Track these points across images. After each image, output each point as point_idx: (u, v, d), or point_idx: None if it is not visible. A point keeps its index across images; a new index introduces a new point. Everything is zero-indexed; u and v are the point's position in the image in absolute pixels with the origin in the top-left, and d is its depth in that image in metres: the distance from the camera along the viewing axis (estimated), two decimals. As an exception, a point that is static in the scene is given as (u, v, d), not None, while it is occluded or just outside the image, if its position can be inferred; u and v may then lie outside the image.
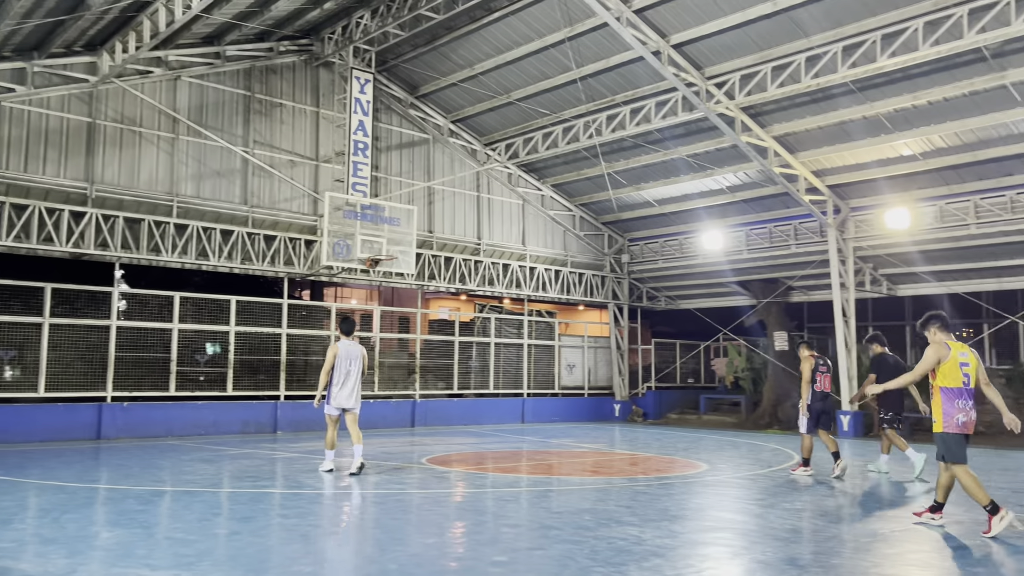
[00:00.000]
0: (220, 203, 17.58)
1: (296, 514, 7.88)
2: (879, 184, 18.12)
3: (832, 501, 9.22)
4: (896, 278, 20.43)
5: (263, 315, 18.12)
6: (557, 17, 16.56)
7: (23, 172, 15.34)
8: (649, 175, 20.96)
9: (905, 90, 15.23)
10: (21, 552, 6.02)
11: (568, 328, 25.36)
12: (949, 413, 7.28)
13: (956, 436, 7.29)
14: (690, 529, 7.42)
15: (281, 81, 18.84)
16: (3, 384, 14.89)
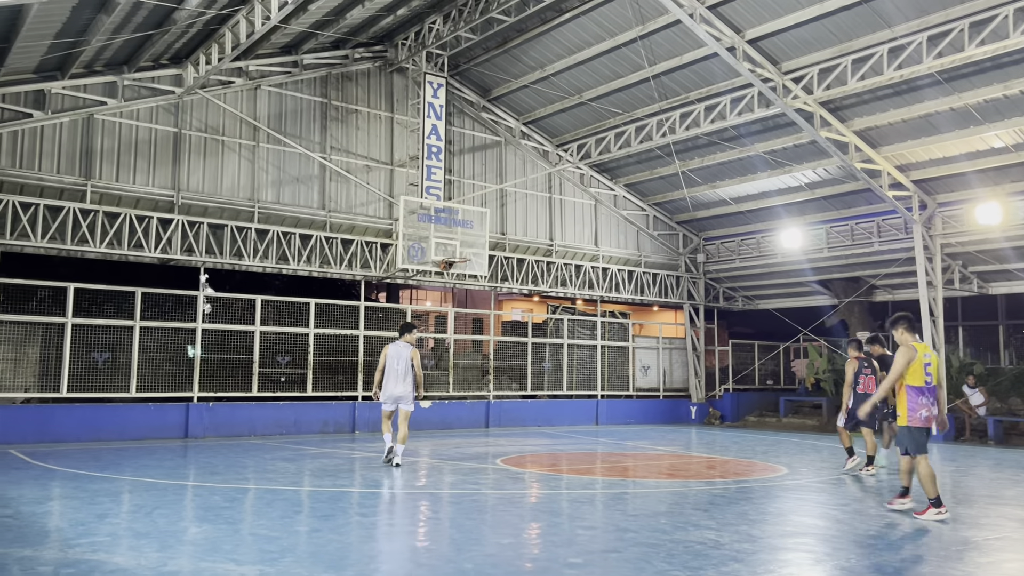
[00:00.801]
0: (299, 208, 18.03)
1: (374, 512, 8.02)
2: (968, 178, 17.40)
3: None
4: (987, 275, 19.59)
5: (341, 317, 18.50)
6: (629, 16, 16.43)
7: (115, 182, 16.03)
8: (725, 173, 20.61)
9: (996, 79, 14.60)
10: (115, 546, 6.29)
11: (642, 329, 25.13)
12: (914, 409, 8.04)
13: (919, 429, 8.07)
14: (770, 534, 7.26)
15: (356, 88, 19.21)
16: (99, 384, 15.57)
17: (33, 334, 15.39)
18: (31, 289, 15.27)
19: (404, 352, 11.32)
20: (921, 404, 8.02)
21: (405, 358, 11.29)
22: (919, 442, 8.09)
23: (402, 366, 11.26)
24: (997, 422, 17.84)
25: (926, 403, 8.04)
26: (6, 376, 15.04)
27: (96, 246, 15.51)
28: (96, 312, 15.67)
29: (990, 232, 17.58)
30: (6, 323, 14.93)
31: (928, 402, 8.06)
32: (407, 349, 11.36)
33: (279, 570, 5.58)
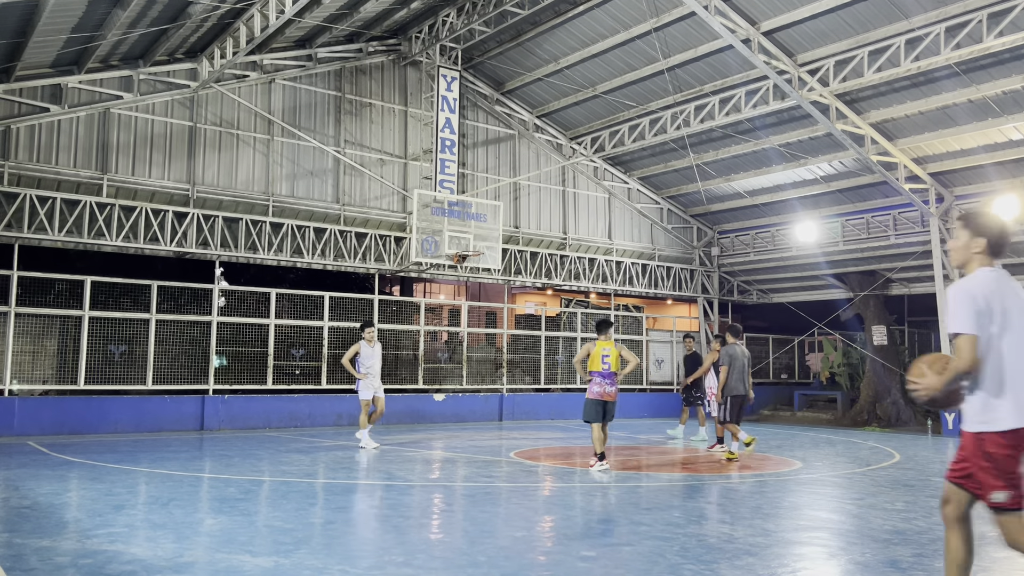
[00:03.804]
0: (313, 202, 18.09)
1: (388, 505, 8.05)
2: (986, 170, 17.23)
3: (936, 502, 8.83)
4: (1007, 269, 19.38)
5: (355, 311, 18.57)
6: (643, 8, 16.36)
7: (131, 175, 16.14)
8: (739, 166, 20.51)
9: (1015, 71, 14.43)
10: (132, 536, 6.34)
11: (656, 323, 25.07)
12: (591, 388, 10.85)
13: (592, 401, 10.81)
14: (784, 528, 7.24)
15: (370, 81, 19.23)
16: (116, 377, 15.70)
17: (51, 327, 15.54)
18: (48, 282, 15.40)
19: (378, 348, 13.38)
20: (597, 383, 10.77)
21: (378, 353, 13.35)
22: (590, 413, 10.85)
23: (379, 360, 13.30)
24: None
25: (601, 383, 10.75)
26: (24, 368, 15.20)
27: (112, 240, 15.62)
28: (112, 305, 15.79)
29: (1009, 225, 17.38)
30: (24, 316, 15.08)
31: (604, 382, 10.76)
32: (379, 345, 13.49)
33: (294, 562, 5.61)
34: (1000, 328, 4.01)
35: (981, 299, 4.03)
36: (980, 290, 4.07)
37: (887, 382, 20.92)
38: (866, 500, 8.77)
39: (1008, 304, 4.07)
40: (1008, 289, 4.13)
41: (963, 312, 4.01)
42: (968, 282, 4.14)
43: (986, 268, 4.21)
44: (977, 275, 4.19)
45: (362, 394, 13.09)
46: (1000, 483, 3.91)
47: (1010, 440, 3.92)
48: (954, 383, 4.03)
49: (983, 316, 4.01)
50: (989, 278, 4.14)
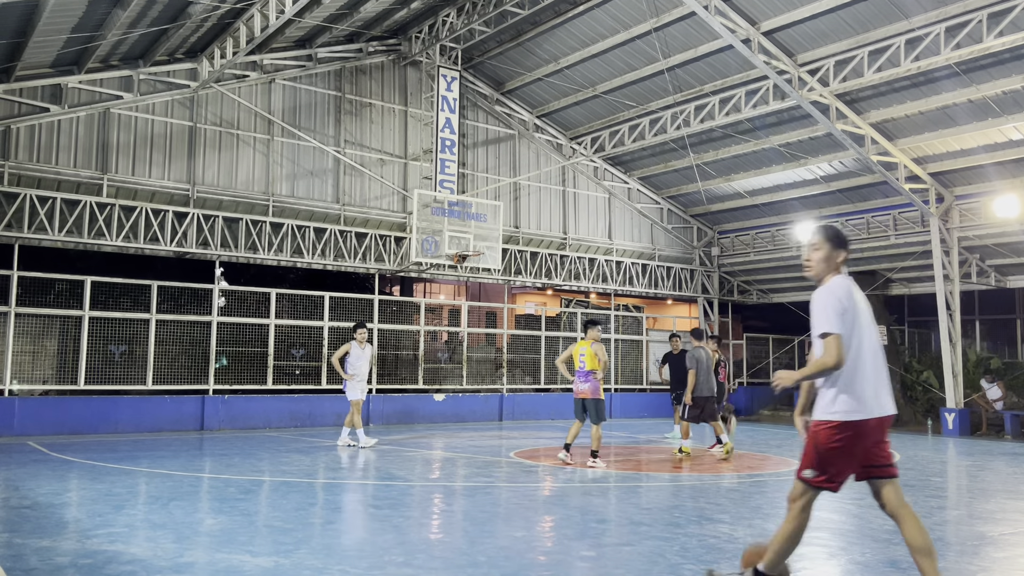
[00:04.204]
0: (313, 202, 18.09)
1: (388, 505, 8.05)
2: (986, 170, 17.23)
3: (936, 501, 8.84)
4: (1005, 269, 19.42)
5: (355, 311, 18.57)
6: (643, 8, 16.36)
7: (131, 175, 16.14)
8: (739, 166, 20.51)
9: (1014, 71, 14.44)
10: (132, 536, 6.34)
11: (656, 323, 25.06)
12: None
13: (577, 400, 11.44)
14: (784, 528, 7.23)
15: (370, 81, 19.23)
16: (116, 377, 15.70)
17: (51, 327, 15.54)
18: (49, 282, 15.41)
19: (369, 349, 13.53)
20: (577, 381, 11.44)
21: (369, 353, 13.54)
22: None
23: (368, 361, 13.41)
24: (1014, 416, 17.70)
25: (576, 382, 11.41)
26: (24, 368, 15.20)
27: (112, 239, 15.62)
28: (113, 305, 15.79)
29: (1008, 225, 17.41)
30: (24, 316, 15.08)
31: (578, 380, 11.39)
32: (370, 347, 13.78)
33: (294, 562, 5.61)
34: (851, 330, 4.45)
35: (846, 300, 4.48)
36: (841, 292, 4.51)
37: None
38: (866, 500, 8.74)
39: (858, 309, 4.54)
40: (857, 295, 4.59)
41: (830, 313, 4.43)
42: (831, 287, 4.57)
43: (840, 276, 4.65)
44: (836, 281, 4.61)
45: (351, 394, 13.12)
46: (812, 462, 4.51)
47: (846, 431, 4.41)
48: (814, 378, 4.49)
49: (846, 315, 4.45)
50: (846, 284, 4.57)
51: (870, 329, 4.54)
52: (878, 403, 4.46)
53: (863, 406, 4.42)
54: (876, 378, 4.48)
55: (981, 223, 17.95)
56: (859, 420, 4.40)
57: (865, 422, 4.41)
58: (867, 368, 4.46)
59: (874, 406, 4.44)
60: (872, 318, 4.62)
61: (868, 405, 4.43)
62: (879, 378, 4.50)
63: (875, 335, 4.57)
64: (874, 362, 4.50)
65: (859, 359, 4.44)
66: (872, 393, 4.44)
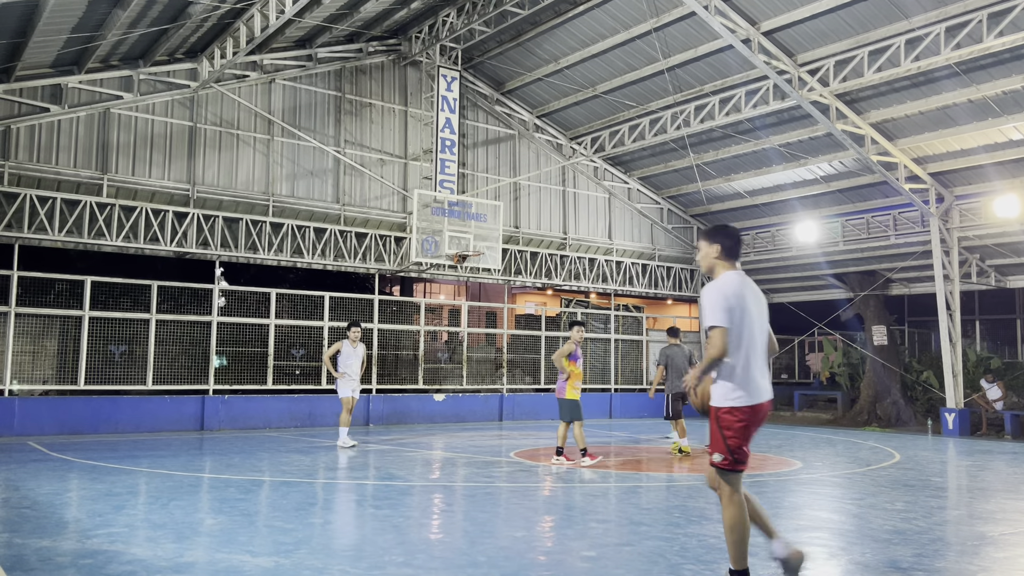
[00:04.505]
0: (313, 202, 18.09)
1: (388, 505, 8.05)
2: (986, 170, 17.22)
3: (936, 502, 8.84)
4: (1005, 269, 19.41)
5: (355, 311, 18.57)
6: (643, 8, 16.36)
7: (131, 175, 16.14)
8: (739, 166, 20.51)
9: (1015, 71, 14.43)
10: (132, 536, 6.34)
11: (656, 323, 25.06)
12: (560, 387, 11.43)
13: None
14: (784, 528, 7.23)
15: (370, 81, 19.24)
16: (116, 377, 15.70)
17: (51, 327, 15.54)
18: (49, 282, 15.41)
19: (361, 348, 13.49)
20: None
21: (362, 352, 13.51)
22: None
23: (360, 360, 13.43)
24: (1014, 416, 17.70)
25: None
26: (24, 368, 15.20)
27: (112, 240, 15.62)
28: (113, 305, 15.79)
29: (1008, 225, 17.41)
30: (24, 316, 15.08)
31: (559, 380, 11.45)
32: (362, 345, 13.58)
33: (294, 562, 5.61)
34: (740, 322, 4.77)
35: (732, 296, 4.78)
36: (729, 289, 4.82)
37: (887, 382, 20.92)
38: (866, 500, 8.77)
39: (748, 303, 4.85)
40: (748, 289, 4.90)
41: (717, 308, 4.74)
42: (718, 282, 4.90)
43: (731, 271, 4.97)
44: (724, 277, 4.94)
45: (341, 392, 13.27)
46: (720, 447, 4.85)
47: (743, 415, 4.78)
48: (709, 370, 4.78)
49: (733, 311, 4.75)
50: (734, 279, 4.89)
51: (760, 322, 4.89)
52: (766, 389, 4.87)
53: (758, 391, 4.81)
54: (762, 367, 4.86)
55: (981, 223, 17.95)
56: (756, 404, 4.80)
57: (761, 405, 4.83)
58: (757, 358, 4.84)
59: (764, 391, 4.84)
60: (763, 312, 4.96)
61: (761, 390, 4.83)
62: (763, 367, 4.88)
63: (762, 327, 4.91)
64: (762, 353, 4.89)
65: (751, 349, 4.81)
66: (760, 379, 4.83)
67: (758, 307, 4.94)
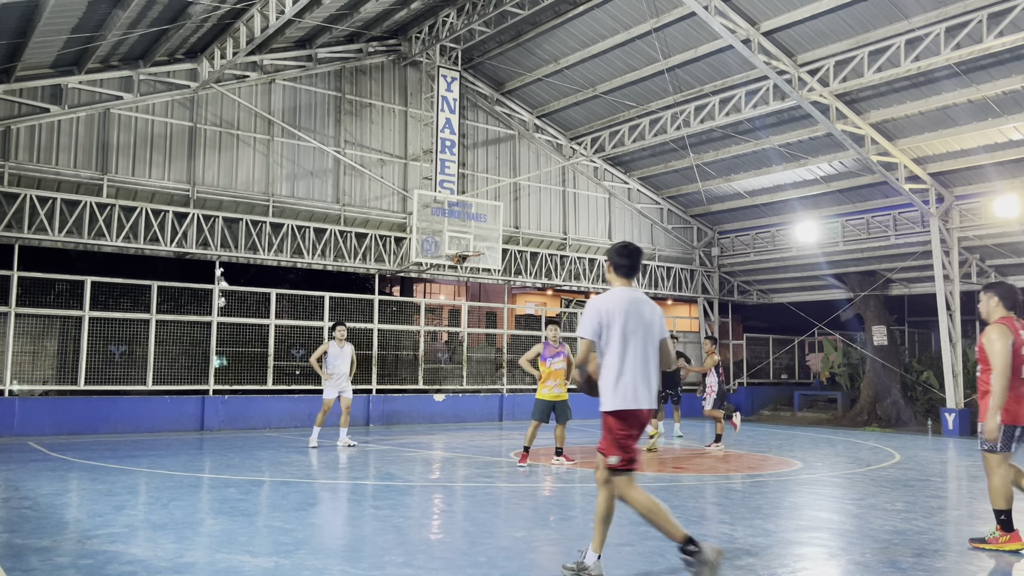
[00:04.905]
0: (313, 202, 18.09)
1: (388, 505, 8.05)
2: (986, 171, 17.24)
3: (936, 502, 8.84)
4: (1005, 269, 19.41)
5: (355, 311, 18.57)
6: (643, 8, 16.37)
7: (131, 176, 16.14)
8: (740, 166, 20.51)
9: (1014, 71, 14.44)
10: (132, 537, 6.34)
11: (656, 323, 25.03)
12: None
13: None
14: (784, 528, 7.24)
15: (370, 81, 19.24)
16: (116, 377, 15.70)
17: (51, 327, 15.55)
18: (49, 283, 15.41)
19: (348, 348, 13.26)
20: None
21: (349, 352, 13.25)
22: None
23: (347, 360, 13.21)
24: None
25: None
26: (25, 368, 15.20)
27: (112, 240, 15.63)
28: (113, 305, 15.79)
29: (1008, 225, 17.41)
30: (24, 316, 15.08)
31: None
32: (349, 345, 13.35)
33: (294, 562, 5.61)
34: (615, 335, 5.16)
35: (604, 312, 5.19)
36: (605, 305, 5.21)
37: (887, 382, 20.92)
38: (866, 500, 8.77)
39: (628, 317, 5.19)
40: (632, 305, 5.24)
41: (585, 321, 5.23)
42: (600, 297, 5.31)
43: (621, 287, 5.35)
44: (610, 292, 5.34)
45: (326, 393, 13.21)
46: (613, 449, 5.14)
47: (622, 418, 5.15)
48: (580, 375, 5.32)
49: (602, 326, 5.18)
50: (618, 295, 5.27)
51: (642, 334, 5.22)
52: (644, 397, 5.19)
53: (632, 398, 5.16)
54: (636, 377, 5.17)
55: (981, 223, 17.96)
56: (634, 409, 5.16)
57: (639, 411, 5.17)
58: (634, 367, 5.18)
59: (641, 399, 5.17)
60: (650, 325, 5.26)
61: (636, 398, 5.16)
62: (640, 377, 5.18)
63: (646, 341, 5.23)
64: (643, 364, 5.21)
65: (624, 360, 5.17)
66: (636, 387, 5.16)
67: (642, 322, 5.23)
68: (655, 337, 5.29)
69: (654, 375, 5.27)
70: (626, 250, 5.42)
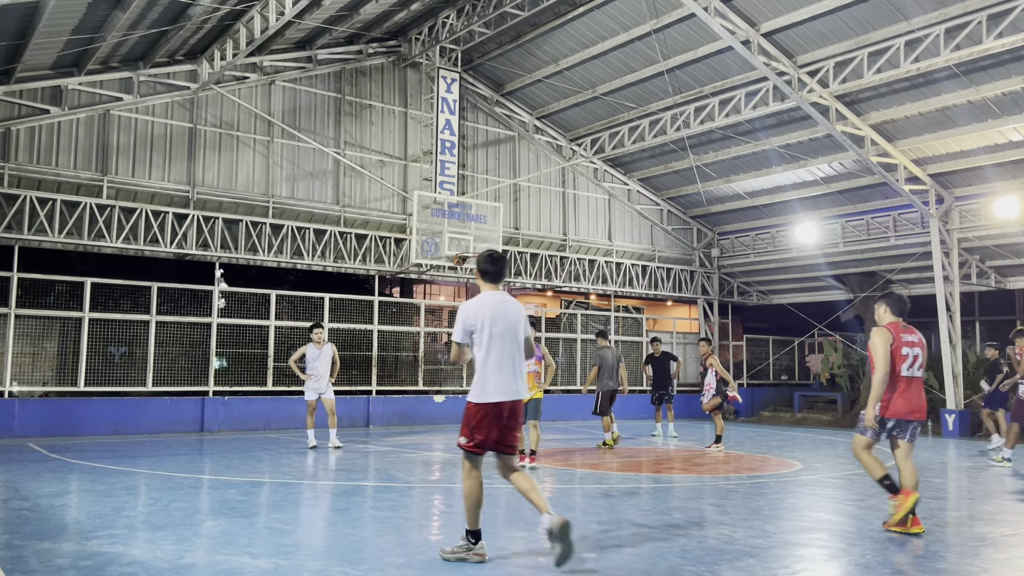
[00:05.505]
0: (313, 203, 18.10)
1: (388, 506, 8.05)
2: (986, 172, 17.24)
3: (936, 503, 8.84)
4: (1005, 270, 19.43)
5: (355, 312, 18.58)
6: (643, 9, 16.37)
7: (131, 177, 16.15)
8: (739, 167, 20.52)
9: (1014, 72, 14.45)
10: (132, 538, 6.34)
11: (656, 324, 25.06)
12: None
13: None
14: (784, 529, 7.24)
15: (370, 83, 19.24)
16: (116, 378, 15.70)
17: (51, 328, 15.55)
18: (49, 284, 15.41)
19: (328, 349, 13.27)
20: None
21: (328, 354, 13.25)
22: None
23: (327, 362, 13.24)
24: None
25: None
26: (24, 370, 15.19)
27: (112, 241, 15.63)
28: (113, 307, 15.79)
29: (1008, 226, 17.42)
30: (24, 317, 15.08)
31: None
32: (330, 346, 13.37)
33: (294, 563, 5.61)
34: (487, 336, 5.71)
35: (472, 316, 5.76)
36: (472, 309, 5.79)
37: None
38: (866, 501, 8.77)
39: (495, 319, 5.74)
40: (499, 309, 5.78)
41: (457, 325, 5.83)
42: (468, 302, 5.89)
43: (489, 291, 5.90)
44: (479, 296, 5.91)
45: (306, 395, 13.32)
46: (465, 433, 5.80)
47: (482, 409, 5.74)
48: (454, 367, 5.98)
49: (469, 330, 5.76)
50: (485, 299, 5.84)
51: (507, 336, 5.75)
52: (502, 392, 5.71)
53: (494, 392, 5.71)
54: (501, 373, 5.71)
55: (981, 224, 17.96)
56: (489, 402, 5.71)
57: (496, 404, 5.71)
58: (499, 365, 5.72)
59: (499, 394, 5.70)
60: (514, 325, 5.79)
61: (498, 392, 5.71)
62: (505, 373, 5.72)
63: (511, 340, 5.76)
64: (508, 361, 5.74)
65: (487, 359, 5.71)
66: (495, 385, 5.70)
67: (508, 323, 5.77)
68: (519, 336, 5.83)
69: (519, 371, 5.82)
70: (491, 258, 5.96)
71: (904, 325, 7.23)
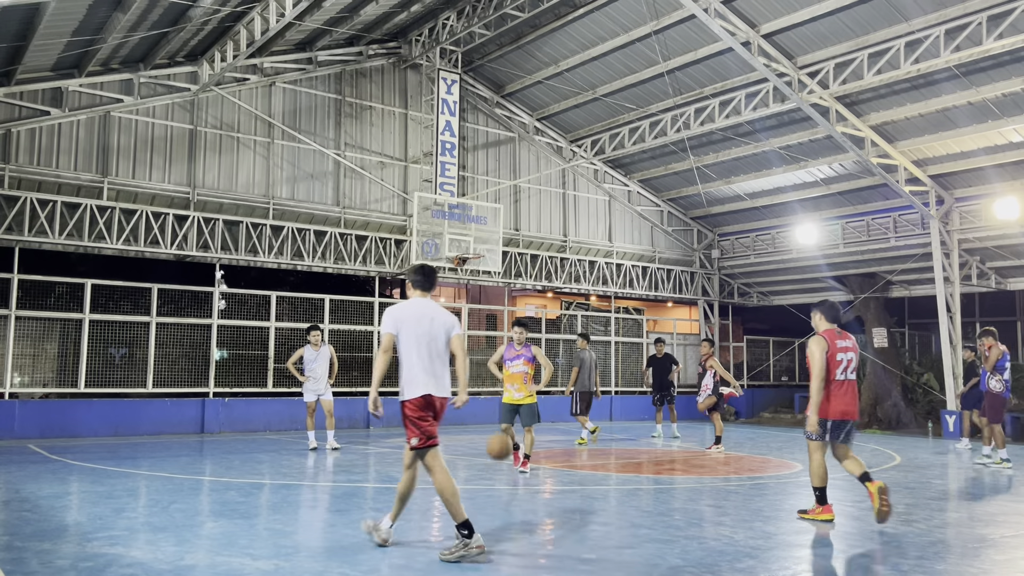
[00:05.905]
0: (314, 205, 18.10)
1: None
2: (986, 172, 17.24)
3: (936, 504, 8.84)
4: (1006, 271, 19.42)
5: (356, 313, 18.57)
6: (643, 11, 16.38)
7: (131, 179, 16.15)
8: (740, 168, 20.52)
9: (1014, 73, 14.45)
10: (133, 540, 6.34)
11: (656, 325, 25.07)
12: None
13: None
14: (784, 530, 7.24)
15: (370, 84, 19.25)
16: (116, 380, 15.70)
17: (51, 330, 15.55)
18: (49, 285, 15.42)
19: (325, 351, 13.35)
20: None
21: (326, 355, 13.34)
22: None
23: (325, 363, 13.33)
24: (1015, 419, 17.69)
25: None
26: (25, 371, 15.20)
27: (113, 243, 15.63)
28: (113, 308, 15.79)
29: (1008, 227, 17.42)
30: (25, 319, 15.08)
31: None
32: (327, 348, 13.45)
33: (294, 565, 5.61)
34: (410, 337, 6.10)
35: (398, 318, 6.17)
36: (397, 312, 6.22)
37: (888, 384, 20.91)
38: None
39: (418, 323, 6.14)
40: (423, 312, 6.22)
41: (384, 321, 6.20)
42: (397, 305, 6.35)
43: (415, 297, 6.40)
44: (407, 301, 6.44)
45: (305, 396, 13.43)
46: (413, 432, 6.03)
47: (415, 404, 6.04)
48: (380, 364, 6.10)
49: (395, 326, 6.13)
50: (409, 303, 6.33)
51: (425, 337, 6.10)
52: (432, 386, 6.07)
53: (420, 386, 6.05)
54: (424, 369, 6.06)
55: (981, 225, 17.96)
56: (421, 395, 6.03)
57: (427, 395, 6.04)
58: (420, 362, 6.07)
59: (425, 387, 6.05)
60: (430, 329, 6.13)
61: (422, 386, 6.05)
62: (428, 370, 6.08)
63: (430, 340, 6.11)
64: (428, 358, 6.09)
65: (409, 356, 6.08)
66: (423, 378, 6.06)
67: (428, 327, 6.14)
68: (440, 338, 6.18)
69: (441, 368, 6.17)
70: (422, 271, 6.44)
71: (839, 331, 7.72)
